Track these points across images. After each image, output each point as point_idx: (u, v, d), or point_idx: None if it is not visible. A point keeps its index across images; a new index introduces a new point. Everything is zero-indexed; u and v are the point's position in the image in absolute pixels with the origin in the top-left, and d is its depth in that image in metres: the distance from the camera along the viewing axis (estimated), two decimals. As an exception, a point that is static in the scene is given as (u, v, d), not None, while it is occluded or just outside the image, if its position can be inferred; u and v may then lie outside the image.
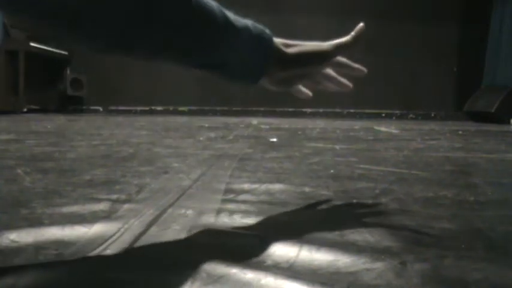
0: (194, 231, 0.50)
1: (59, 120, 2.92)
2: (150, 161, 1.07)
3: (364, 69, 0.70)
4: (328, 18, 4.62)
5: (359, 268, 0.39)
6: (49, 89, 4.67)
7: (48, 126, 2.30)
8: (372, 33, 4.51)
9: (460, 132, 2.51)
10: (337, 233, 0.50)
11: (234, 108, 4.92)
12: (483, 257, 0.43)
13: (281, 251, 0.44)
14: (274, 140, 1.76)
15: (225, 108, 4.93)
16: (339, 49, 0.63)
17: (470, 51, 4.77)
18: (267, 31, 0.57)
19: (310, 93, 0.71)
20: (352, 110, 4.91)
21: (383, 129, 2.71)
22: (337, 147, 1.50)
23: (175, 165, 1.00)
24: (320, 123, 3.29)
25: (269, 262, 0.41)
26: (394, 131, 2.56)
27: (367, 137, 1.99)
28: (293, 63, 0.59)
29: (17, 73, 3.95)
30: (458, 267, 0.40)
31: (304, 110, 4.89)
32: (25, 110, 4.08)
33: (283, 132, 2.22)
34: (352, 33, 0.64)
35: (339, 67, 0.69)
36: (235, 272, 0.38)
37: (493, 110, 3.81)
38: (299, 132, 2.24)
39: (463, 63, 4.82)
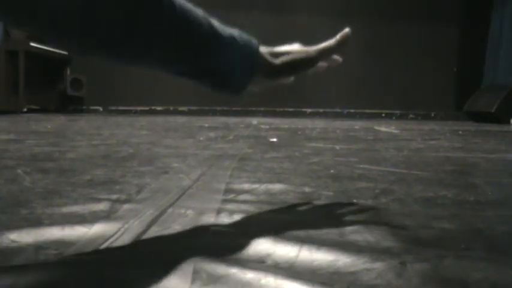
0: (194, 231, 0.50)
1: (59, 120, 2.92)
2: (150, 161, 1.07)
3: (340, 60, 0.69)
4: (328, 18, 4.62)
5: (359, 268, 0.39)
6: (49, 89, 4.67)
7: (48, 126, 2.30)
8: (372, 33, 4.53)
9: (460, 132, 2.51)
10: (337, 233, 0.50)
11: (234, 108, 4.92)
12: (483, 257, 0.43)
13: (281, 251, 0.44)
14: (274, 140, 1.76)
15: (225, 108, 4.93)
16: (324, 54, 0.63)
17: (470, 51, 4.77)
18: (254, 41, 0.56)
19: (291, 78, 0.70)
20: (352, 110, 4.91)
21: (383, 129, 2.71)
22: (337, 147, 1.50)
23: (175, 165, 1.00)
24: (320, 123, 3.29)
25: (269, 262, 0.41)
26: (394, 131, 2.56)
27: (367, 137, 1.99)
28: (281, 73, 0.59)
29: (17, 73, 3.95)
30: (458, 267, 0.40)
31: (304, 110, 4.89)
32: (25, 110, 4.08)
33: (283, 132, 2.22)
34: (337, 36, 0.64)
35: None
36: (235, 272, 0.38)
37: (493, 110, 3.81)
38: (299, 132, 2.24)
39: (463, 63, 4.82)
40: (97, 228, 0.50)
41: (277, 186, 0.76)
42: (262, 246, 0.45)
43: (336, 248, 0.44)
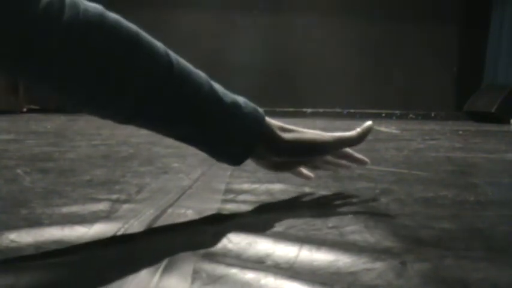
0: (194, 231, 0.50)
1: (59, 120, 2.92)
2: (150, 161, 1.07)
3: (367, 161, 0.65)
4: (328, 18, 4.62)
5: (359, 268, 0.39)
6: (49, 89, 4.66)
7: (48, 126, 2.30)
8: (372, 33, 4.52)
9: (460, 132, 2.51)
10: (337, 233, 0.50)
11: (234, 108, 4.91)
12: (483, 257, 0.43)
13: (281, 251, 0.44)
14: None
15: (225, 108, 4.92)
16: (341, 144, 0.59)
17: (470, 51, 4.77)
18: (260, 110, 0.54)
19: (311, 175, 0.67)
20: (352, 110, 4.91)
21: (383, 129, 2.71)
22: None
23: (175, 165, 1.00)
24: (320, 123, 3.29)
25: (269, 262, 0.41)
26: (394, 131, 2.56)
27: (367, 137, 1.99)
28: (288, 150, 0.55)
29: (17, 73, 3.94)
30: (458, 267, 0.40)
31: (304, 110, 4.89)
32: (25, 110, 4.08)
33: (283, 132, 2.21)
34: (359, 129, 0.59)
35: (340, 156, 0.65)
36: (235, 272, 0.38)
37: (493, 110, 3.80)
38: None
39: (463, 63, 4.82)
40: (97, 228, 0.50)
41: (277, 186, 0.76)
42: (262, 246, 0.45)
43: (336, 248, 0.44)
